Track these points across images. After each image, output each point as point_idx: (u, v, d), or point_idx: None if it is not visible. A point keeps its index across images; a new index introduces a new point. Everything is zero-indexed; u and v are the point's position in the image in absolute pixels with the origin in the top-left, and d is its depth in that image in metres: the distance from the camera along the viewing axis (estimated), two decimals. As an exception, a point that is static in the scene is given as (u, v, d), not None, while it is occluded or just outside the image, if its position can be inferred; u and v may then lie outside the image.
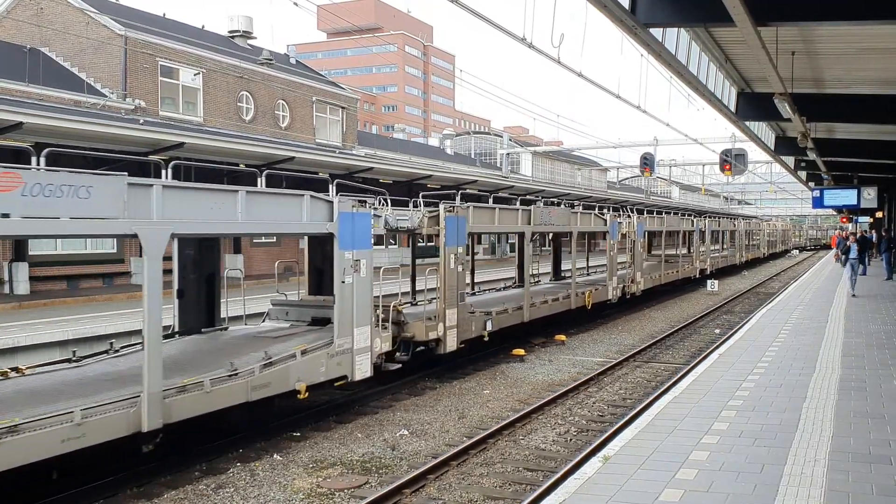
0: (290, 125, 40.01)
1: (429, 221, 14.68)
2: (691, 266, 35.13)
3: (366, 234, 12.30)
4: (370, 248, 12.36)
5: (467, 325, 15.27)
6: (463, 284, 15.30)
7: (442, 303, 14.46)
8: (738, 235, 50.10)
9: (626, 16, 9.65)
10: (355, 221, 11.92)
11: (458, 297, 14.92)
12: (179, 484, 9.14)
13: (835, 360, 12.48)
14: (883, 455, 7.37)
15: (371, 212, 12.53)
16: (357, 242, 11.95)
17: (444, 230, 14.63)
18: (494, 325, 16.32)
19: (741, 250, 50.43)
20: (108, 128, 19.34)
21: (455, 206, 15.17)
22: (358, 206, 12.00)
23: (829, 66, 15.18)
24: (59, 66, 32.32)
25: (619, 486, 6.65)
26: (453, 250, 14.81)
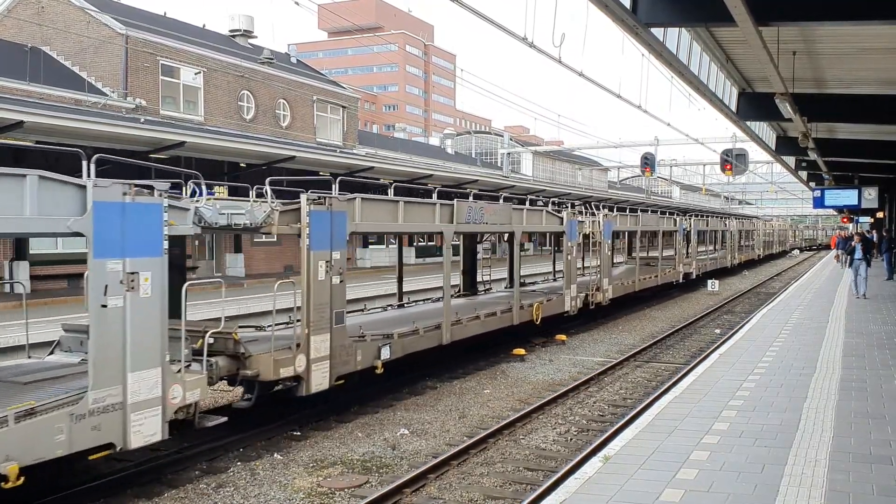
0: (291, 124, 40.00)
1: (282, 217, 11.03)
2: (674, 270, 31.94)
3: (151, 235, 8.47)
4: (160, 255, 8.55)
5: (348, 354, 11.67)
6: (341, 301, 11.64)
7: (306, 327, 10.81)
8: (731, 236, 46.92)
9: (627, 15, 9.65)
10: (128, 216, 8.19)
11: (332, 318, 11.30)
12: (180, 483, 9.15)
13: (835, 360, 12.48)
14: (884, 455, 7.36)
15: (163, 201, 8.61)
16: (132, 247, 8.22)
17: (309, 229, 10.99)
18: (395, 351, 12.97)
19: (733, 252, 47.20)
20: (109, 127, 19.34)
21: (327, 198, 11.44)
22: (134, 194, 8.28)
23: (830, 66, 15.17)
24: (60, 65, 32.32)
25: (620, 486, 6.65)
26: (323, 256, 11.18)
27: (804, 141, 18.22)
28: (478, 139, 69.45)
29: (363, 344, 12.29)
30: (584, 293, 21.23)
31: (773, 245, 70.70)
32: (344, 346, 11.61)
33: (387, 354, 12.69)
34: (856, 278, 22.40)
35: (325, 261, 11.24)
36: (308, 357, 10.84)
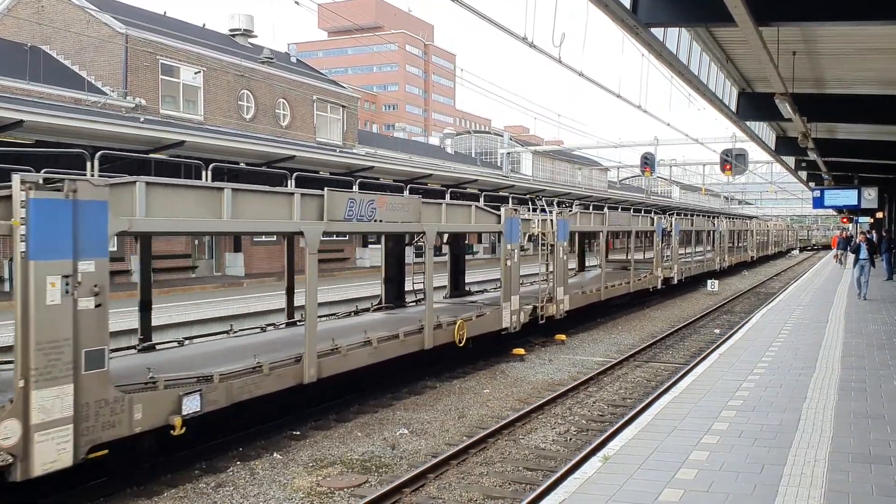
0: (291, 124, 39.99)
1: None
2: (651, 275, 28.43)
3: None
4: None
5: (113, 413, 8.08)
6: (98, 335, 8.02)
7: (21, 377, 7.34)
8: (720, 236, 43.40)
9: (627, 15, 9.65)
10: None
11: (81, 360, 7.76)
12: (179, 482, 9.15)
13: (835, 360, 12.48)
14: (883, 455, 7.37)
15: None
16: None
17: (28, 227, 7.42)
18: (214, 400, 9.37)
19: (723, 254, 43.75)
20: (109, 126, 19.33)
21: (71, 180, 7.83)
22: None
23: (830, 66, 15.18)
24: (60, 65, 32.32)
25: (619, 486, 6.65)
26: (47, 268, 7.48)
27: (804, 141, 18.23)
28: (478, 139, 69.45)
29: (149, 395, 8.60)
30: (531, 305, 18.03)
31: (768, 246, 67.06)
32: (105, 400, 7.99)
33: (195, 406, 9.00)
34: (859, 279, 21.96)
35: (64, 276, 7.63)
36: (25, 423, 7.27)
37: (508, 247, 16.89)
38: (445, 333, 14.50)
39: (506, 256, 16.88)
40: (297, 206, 10.79)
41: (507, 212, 17.09)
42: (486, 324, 16.03)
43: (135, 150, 20.37)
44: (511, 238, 16.94)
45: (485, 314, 16.13)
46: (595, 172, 75.91)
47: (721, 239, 43.26)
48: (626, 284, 25.54)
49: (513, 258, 16.95)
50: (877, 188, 30.16)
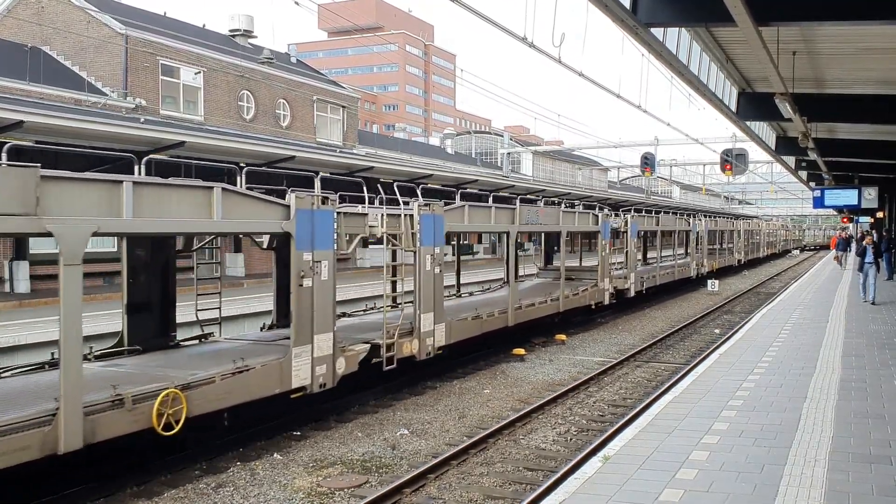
0: (291, 124, 39.99)
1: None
2: (594, 288, 22.40)
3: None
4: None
5: None
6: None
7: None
8: (698, 238, 37.36)
9: (627, 16, 9.64)
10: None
11: None
12: (179, 483, 9.15)
13: (835, 360, 12.48)
14: (883, 455, 7.37)
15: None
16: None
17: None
18: None
19: (702, 258, 38.17)
20: (109, 126, 19.31)
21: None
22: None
23: (830, 66, 15.17)
24: (60, 65, 32.32)
25: (620, 486, 6.65)
26: None
27: (804, 141, 18.22)
28: (478, 139, 69.45)
29: None
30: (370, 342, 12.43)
31: (760, 248, 60.83)
32: None
33: None
34: (865, 281, 21.23)
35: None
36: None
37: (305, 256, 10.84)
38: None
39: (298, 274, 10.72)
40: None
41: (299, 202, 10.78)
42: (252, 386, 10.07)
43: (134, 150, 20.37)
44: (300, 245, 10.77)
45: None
46: (595, 173, 75.92)
47: (699, 241, 37.31)
48: (551, 303, 19.46)
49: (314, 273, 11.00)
50: (877, 188, 30.11)
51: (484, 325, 16.13)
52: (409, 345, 13.28)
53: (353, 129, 45.34)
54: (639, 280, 26.48)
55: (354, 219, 12.39)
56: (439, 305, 14.20)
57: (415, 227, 13.39)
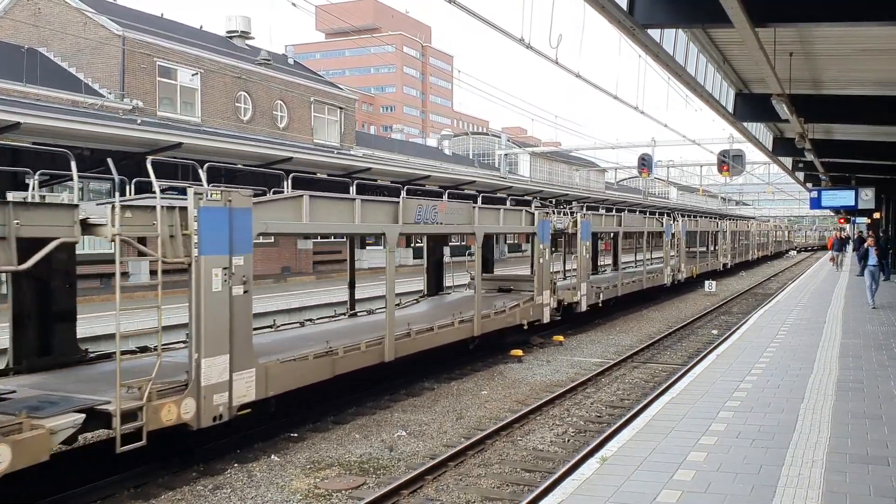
0: (288, 125, 40.00)
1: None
2: (528, 303, 18.10)
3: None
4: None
5: None
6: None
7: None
8: (674, 240, 31.94)
9: (624, 17, 9.65)
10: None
11: None
12: (177, 485, 9.13)
13: (832, 360, 12.49)
14: (880, 456, 7.37)
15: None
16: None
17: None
18: None
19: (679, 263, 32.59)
20: (106, 128, 19.30)
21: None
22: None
23: (827, 67, 15.19)
24: (57, 67, 32.31)
25: (617, 488, 6.65)
26: None
27: (801, 142, 18.25)
28: (475, 140, 69.51)
29: None
30: None
31: (749, 250, 55.88)
32: None
33: None
34: (870, 286, 20.26)
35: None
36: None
37: None
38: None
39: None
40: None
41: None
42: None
43: (132, 151, 20.35)
44: None
45: None
46: (593, 174, 76.00)
47: (675, 243, 32.29)
48: (460, 326, 14.96)
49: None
50: (874, 189, 30.18)
51: (338, 365, 11.61)
52: (177, 407, 8.67)
53: (350, 131, 45.36)
54: (593, 291, 22.22)
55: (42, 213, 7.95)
56: (243, 343, 9.68)
57: (190, 226, 9.03)
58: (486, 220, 16.72)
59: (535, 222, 18.88)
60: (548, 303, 19.02)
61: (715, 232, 44.78)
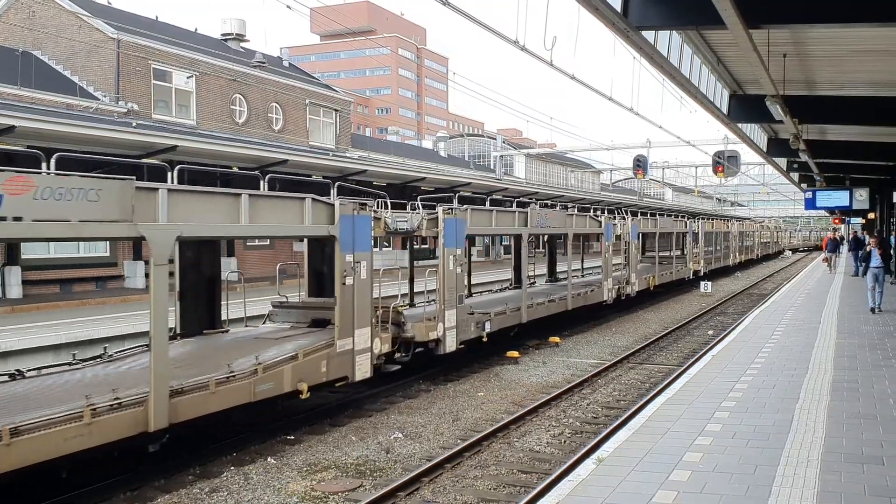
0: (284, 128, 39.98)
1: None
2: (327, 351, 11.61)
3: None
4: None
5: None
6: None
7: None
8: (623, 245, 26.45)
9: (617, 18, 9.66)
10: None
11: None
12: (173, 488, 9.12)
13: (827, 361, 12.53)
14: (875, 456, 7.40)
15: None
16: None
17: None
18: None
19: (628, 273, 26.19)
20: (101, 131, 19.30)
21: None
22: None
23: (821, 68, 15.23)
24: (52, 70, 32.26)
25: (613, 488, 6.66)
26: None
27: (795, 143, 18.28)
28: (471, 142, 69.53)
29: None
30: None
31: (730, 253, 49.41)
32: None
33: None
34: (872, 288, 19.04)
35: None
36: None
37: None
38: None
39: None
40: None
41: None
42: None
43: (127, 154, 20.34)
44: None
45: None
46: (588, 175, 76.09)
47: (626, 248, 26.43)
48: None
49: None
50: (868, 189, 30.28)
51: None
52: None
53: (345, 133, 45.36)
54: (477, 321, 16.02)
55: None
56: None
57: None
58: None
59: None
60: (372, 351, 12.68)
61: (682, 233, 37.10)
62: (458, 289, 15.41)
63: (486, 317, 16.45)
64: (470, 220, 16.08)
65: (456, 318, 15.11)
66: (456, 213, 15.54)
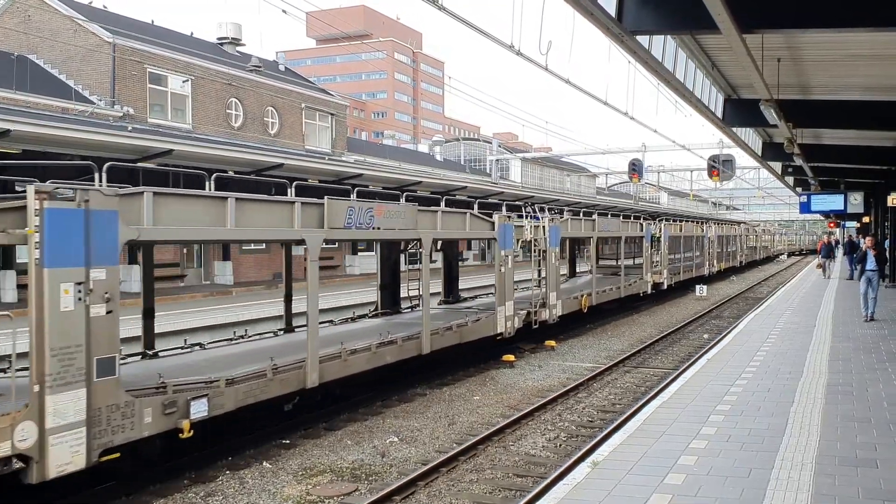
0: (280, 132, 39.99)
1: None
2: None
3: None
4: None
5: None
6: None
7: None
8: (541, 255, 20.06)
9: (612, 23, 9.70)
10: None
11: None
12: (169, 492, 9.12)
13: (822, 364, 12.56)
14: (869, 459, 7.42)
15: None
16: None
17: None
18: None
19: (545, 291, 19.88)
20: (97, 135, 19.28)
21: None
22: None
23: (815, 72, 15.29)
24: (47, 74, 32.24)
25: (608, 492, 6.67)
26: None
27: (790, 147, 18.34)
28: (466, 146, 69.55)
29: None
30: None
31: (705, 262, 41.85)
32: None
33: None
34: (866, 293, 18.09)
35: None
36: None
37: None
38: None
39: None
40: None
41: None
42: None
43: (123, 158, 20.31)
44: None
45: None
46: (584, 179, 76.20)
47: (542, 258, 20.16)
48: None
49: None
50: (863, 193, 30.38)
51: None
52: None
53: (341, 137, 45.38)
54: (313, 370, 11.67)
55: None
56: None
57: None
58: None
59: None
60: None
61: (637, 237, 30.01)
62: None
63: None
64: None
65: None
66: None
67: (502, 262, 17.35)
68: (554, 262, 20.42)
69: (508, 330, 17.43)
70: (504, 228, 17.49)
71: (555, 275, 20.47)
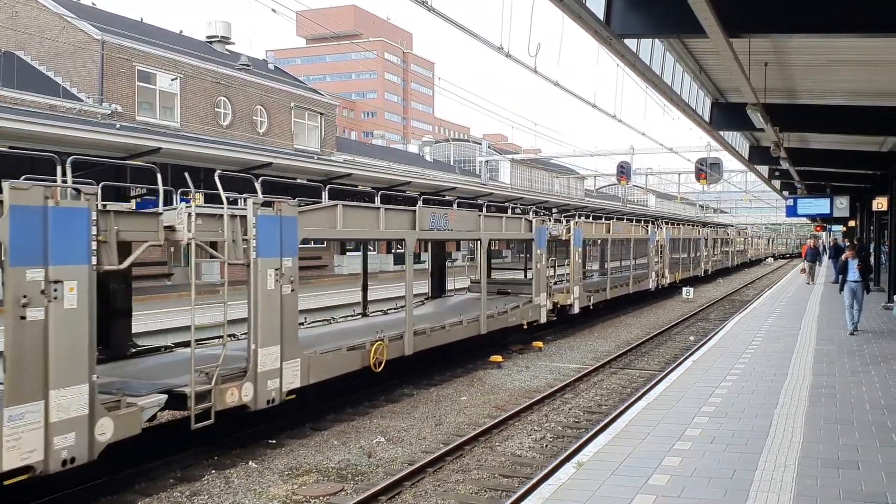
0: (269, 131, 39.90)
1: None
2: None
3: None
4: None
5: None
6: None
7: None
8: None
9: (600, 27, 9.75)
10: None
11: None
12: (153, 491, 9.10)
13: (806, 366, 12.66)
14: (851, 460, 7.50)
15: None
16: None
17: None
18: None
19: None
20: (84, 132, 19.19)
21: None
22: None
23: (801, 77, 15.40)
24: (35, 70, 32.03)
25: (592, 492, 6.72)
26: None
27: (776, 150, 18.45)
28: (456, 147, 69.61)
29: None
30: None
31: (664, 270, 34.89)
32: None
33: None
34: (850, 306, 16.91)
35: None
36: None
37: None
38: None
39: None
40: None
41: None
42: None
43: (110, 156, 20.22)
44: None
45: None
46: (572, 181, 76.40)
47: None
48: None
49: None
50: (848, 197, 30.58)
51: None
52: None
53: (331, 136, 45.31)
54: None
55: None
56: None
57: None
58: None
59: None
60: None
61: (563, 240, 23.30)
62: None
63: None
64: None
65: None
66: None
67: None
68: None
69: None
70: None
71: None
